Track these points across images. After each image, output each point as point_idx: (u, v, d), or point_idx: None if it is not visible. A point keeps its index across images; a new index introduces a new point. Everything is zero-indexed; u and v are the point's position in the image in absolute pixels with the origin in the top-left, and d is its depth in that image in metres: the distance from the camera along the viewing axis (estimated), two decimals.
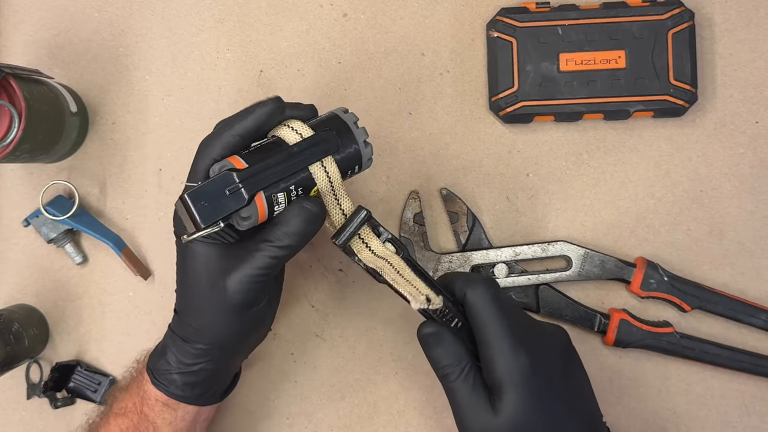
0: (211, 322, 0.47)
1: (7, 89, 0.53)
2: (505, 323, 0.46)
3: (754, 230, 0.59)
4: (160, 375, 0.49)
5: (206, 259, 0.46)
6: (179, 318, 0.49)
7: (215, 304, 0.46)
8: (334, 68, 0.61)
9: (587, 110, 0.58)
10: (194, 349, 0.48)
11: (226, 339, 0.48)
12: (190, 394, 0.49)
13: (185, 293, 0.48)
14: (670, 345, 0.57)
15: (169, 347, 0.49)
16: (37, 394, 0.60)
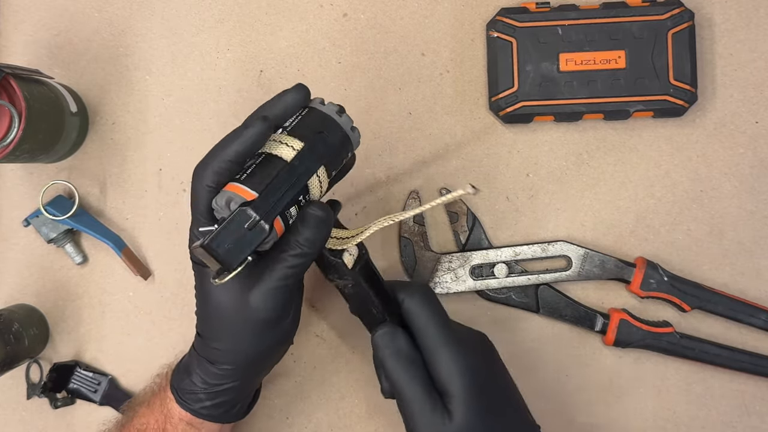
0: (237, 342, 0.47)
1: (7, 89, 0.53)
2: (443, 327, 0.47)
3: (754, 230, 0.59)
4: (185, 394, 0.49)
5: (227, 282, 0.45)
6: (203, 340, 0.48)
7: (240, 324, 0.46)
8: (334, 68, 0.61)
9: (587, 110, 0.58)
10: (220, 370, 0.47)
11: (252, 358, 0.48)
12: (215, 413, 0.49)
13: (208, 317, 0.47)
14: (670, 345, 0.57)
15: (194, 368, 0.48)
16: (37, 394, 0.60)
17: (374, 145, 0.60)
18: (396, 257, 0.60)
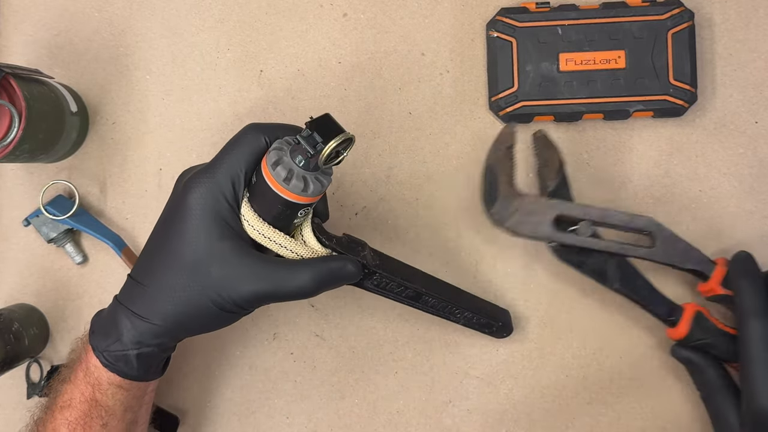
0: (185, 306, 0.45)
1: (7, 89, 0.53)
2: None
3: (754, 230, 0.59)
4: (112, 357, 0.46)
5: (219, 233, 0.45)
6: (140, 287, 0.46)
7: (197, 291, 0.45)
8: (334, 68, 0.61)
9: (587, 110, 0.58)
10: (154, 326, 0.46)
11: (192, 325, 0.47)
12: (144, 372, 0.48)
13: (167, 258, 0.45)
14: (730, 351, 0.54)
15: (122, 324, 0.46)
16: (37, 393, 0.60)
17: (374, 145, 0.60)
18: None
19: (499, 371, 0.60)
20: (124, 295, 0.48)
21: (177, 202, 0.46)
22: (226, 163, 0.46)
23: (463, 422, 0.60)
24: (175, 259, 0.45)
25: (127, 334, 0.46)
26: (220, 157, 0.46)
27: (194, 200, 0.45)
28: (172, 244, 0.46)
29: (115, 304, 0.48)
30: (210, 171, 0.46)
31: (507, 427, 0.60)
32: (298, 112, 0.61)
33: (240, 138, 0.47)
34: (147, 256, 0.48)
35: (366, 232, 0.61)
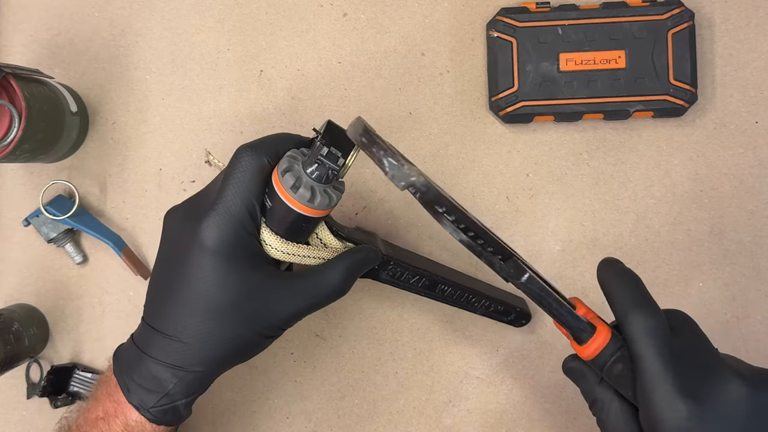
0: (231, 347, 0.45)
1: (7, 89, 0.53)
2: (667, 365, 0.38)
3: (755, 230, 0.59)
4: (159, 412, 0.45)
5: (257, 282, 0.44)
6: (178, 343, 0.44)
7: (242, 329, 0.45)
8: (334, 68, 0.61)
9: (587, 110, 0.58)
10: (201, 372, 0.45)
11: (237, 360, 0.47)
12: (189, 413, 0.47)
13: (200, 306, 0.44)
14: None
15: (166, 380, 0.45)
16: (37, 393, 0.60)
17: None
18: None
19: (499, 371, 0.60)
20: (158, 350, 0.45)
21: (190, 245, 0.44)
22: (235, 194, 0.44)
23: (463, 422, 0.60)
24: (211, 306, 0.44)
25: (174, 388, 0.45)
26: (226, 189, 0.44)
27: (214, 241, 0.43)
28: (199, 290, 0.44)
29: (151, 361, 0.45)
30: (221, 206, 0.43)
31: (507, 427, 0.60)
32: (298, 113, 0.61)
33: (240, 164, 0.44)
34: (170, 306, 0.44)
35: None
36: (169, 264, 0.45)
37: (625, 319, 0.40)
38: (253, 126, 0.61)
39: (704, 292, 0.59)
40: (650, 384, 0.38)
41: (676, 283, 0.59)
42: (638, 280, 0.42)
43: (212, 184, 0.47)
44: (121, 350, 0.47)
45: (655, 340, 0.39)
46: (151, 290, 0.47)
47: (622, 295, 0.41)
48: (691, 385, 0.38)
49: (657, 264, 0.59)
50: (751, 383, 0.38)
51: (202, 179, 0.61)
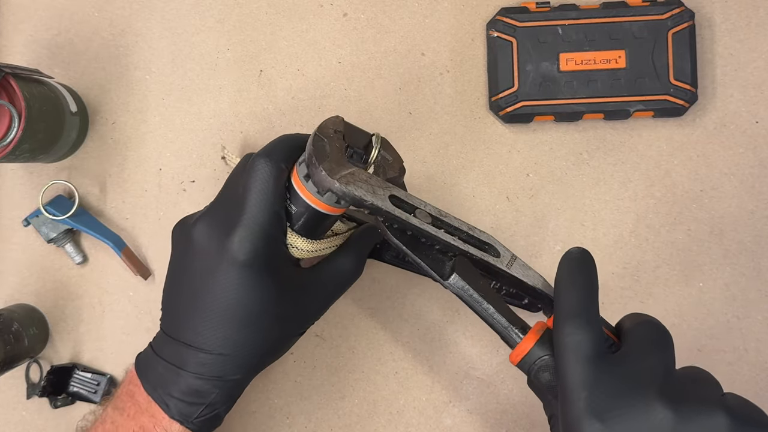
0: (270, 352, 0.47)
1: (7, 89, 0.53)
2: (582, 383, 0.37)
3: (755, 230, 0.59)
4: (201, 421, 0.46)
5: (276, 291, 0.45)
6: (220, 357, 0.45)
7: (279, 334, 0.47)
8: (334, 68, 0.61)
9: (587, 110, 0.58)
10: (242, 378, 0.46)
11: (272, 360, 0.49)
12: (223, 418, 0.48)
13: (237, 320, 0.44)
14: None
15: (209, 392, 0.45)
16: (36, 393, 0.60)
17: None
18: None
19: (499, 371, 0.60)
20: (196, 365, 0.45)
21: (220, 259, 0.44)
22: (261, 205, 0.44)
23: (463, 422, 0.60)
24: (247, 316, 0.45)
25: (215, 398, 0.46)
26: (250, 200, 0.44)
27: (246, 255, 0.44)
28: (234, 302, 0.44)
29: (190, 376, 0.45)
30: (249, 218, 0.44)
31: (507, 427, 0.60)
32: (298, 113, 0.61)
33: (259, 174, 0.44)
34: (204, 321, 0.45)
35: None
36: (193, 278, 0.45)
37: (556, 329, 0.39)
38: (253, 126, 0.61)
39: (704, 293, 0.59)
40: (565, 400, 0.37)
41: (676, 283, 0.59)
42: (589, 287, 0.40)
43: (227, 194, 0.47)
44: (147, 365, 0.47)
45: (577, 356, 0.37)
46: (172, 305, 0.47)
47: (562, 302, 0.39)
48: (605, 406, 0.36)
49: (657, 264, 0.59)
50: (680, 413, 0.35)
51: (202, 179, 0.61)
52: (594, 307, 0.39)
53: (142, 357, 0.48)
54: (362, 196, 0.42)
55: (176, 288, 0.47)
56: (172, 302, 0.47)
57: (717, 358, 0.59)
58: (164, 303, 0.48)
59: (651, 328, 0.39)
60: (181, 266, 0.47)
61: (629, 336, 0.39)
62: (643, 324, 0.39)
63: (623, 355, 0.38)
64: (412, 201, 0.45)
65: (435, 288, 0.60)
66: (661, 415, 0.34)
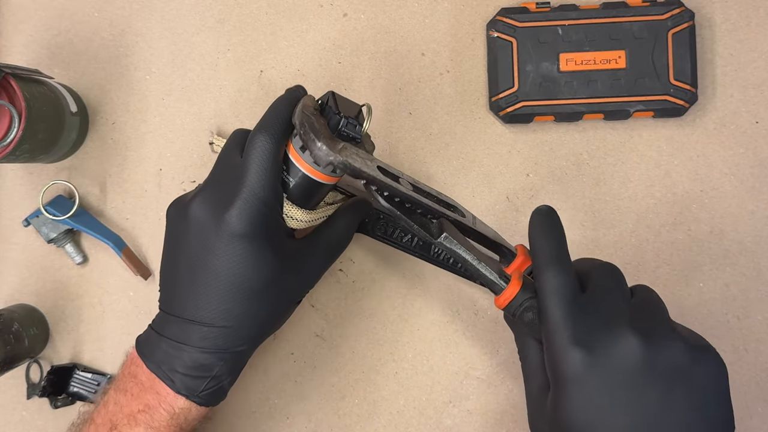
0: (271, 322, 0.49)
1: (7, 89, 0.53)
2: (566, 318, 0.42)
3: (755, 230, 0.59)
4: (207, 394, 0.47)
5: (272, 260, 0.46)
6: (223, 329, 0.46)
7: (280, 304, 0.49)
8: (334, 68, 0.61)
9: (587, 110, 0.58)
10: (245, 349, 0.48)
11: (274, 329, 0.50)
12: (228, 391, 0.50)
13: (240, 292, 0.46)
14: None
15: (214, 364, 0.46)
16: (37, 393, 0.60)
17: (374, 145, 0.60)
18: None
19: (499, 371, 0.60)
20: (198, 339, 0.46)
21: (219, 233, 0.45)
22: (259, 178, 0.45)
23: (463, 422, 0.60)
24: (249, 288, 0.46)
25: (220, 370, 0.47)
26: (249, 174, 0.45)
27: (245, 227, 0.45)
28: (235, 275, 0.45)
29: (194, 350, 0.46)
30: (248, 192, 0.45)
31: (507, 427, 0.60)
32: None
33: (256, 148, 0.45)
34: (205, 295, 0.46)
35: None
36: (192, 254, 0.46)
37: (538, 275, 0.44)
38: (253, 126, 0.61)
39: (705, 293, 0.59)
40: (550, 334, 0.42)
41: (676, 283, 0.59)
42: (560, 238, 0.45)
43: (222, 170, 0.48)
44: (149, 345, 0.48)
45: (559, 296, 0.42)
46: (171, 283, 0.48)
47: (540, 253, 0.44)
48: (587, 337, 0.41)
49: (657, 264, 0.59)
50: (646, 341, 0.40)
51: (202, 179, 0.61)
52: (567, 255, 0.44)
53: (143, 338, 0.49)
54: (360, 166, 0.45)
55: (174, 266, 0.48)
56: (171, 280, 0.48)
57: None
58: (162, 283, 0.49)
59: (607, 270, 0.45)
60: (178, 244, 0.47)
61: (593, 279, 0.44)
62: (601, 267, 0.45)
63: (593, 295, 0.43)
64: (394, 171, 0.49)
65: (435, 288, 0.60)
66: (632, 342, 0.40)
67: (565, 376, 0.41)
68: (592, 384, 0.40)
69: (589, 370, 0.40)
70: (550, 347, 0.42)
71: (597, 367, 0.40)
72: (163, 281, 0.49)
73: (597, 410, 0.40)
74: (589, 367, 0.40)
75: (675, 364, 0.40)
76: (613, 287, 0.44)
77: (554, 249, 0.44)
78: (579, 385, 0.40)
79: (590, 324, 0.41)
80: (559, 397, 0.41)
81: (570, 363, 0.40)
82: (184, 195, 0.50)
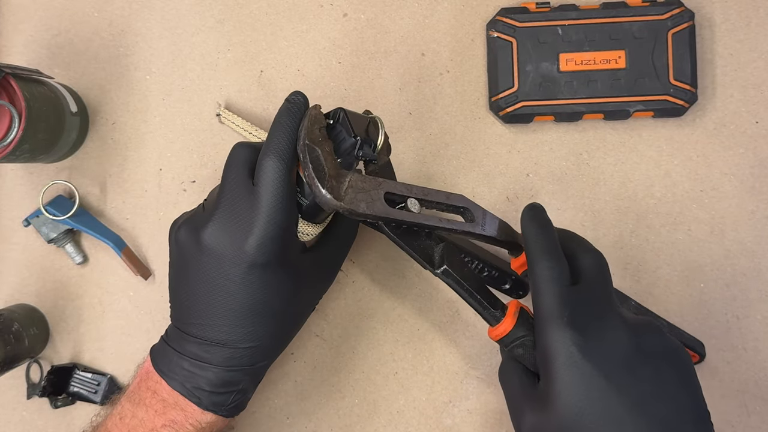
0: (291, 336, 0.51)
1: (7, 89, 0.53)
2: (562, 304, 0.43)
3: (755, 230, 0.59)
4: (233, 407, 0.48)
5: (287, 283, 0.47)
6: (248, 350, 0.47)
7: (298, 318, 0.51)
8: (334, 68, 0.61)
9: (587, 110, 0.58)
10: (267, 363, 0.49)
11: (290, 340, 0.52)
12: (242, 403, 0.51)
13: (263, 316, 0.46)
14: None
15: (240, 380, 0.47)
16: (37, 393, 0.60)
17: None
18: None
19: None
20: (224, 359, 0.46)
21: (238, 262, 0.45)
22: (275, 205, 0.44)
23: (463, 422, 0.60)
24: (271, 311, 0.47)
25: (245, 384, 0.48)
26: (264, 201, 0.44)
27: (266, 257, 0.45)
28: (257, 301, 0.46)
29: (220, 370, 0.47)
30: (265, 220, 0.44)
31: (507, 427, 0.60)
32: None
33: (268, 173, 0.45)
34: (227, 319, 0.46)
35: (366, 233, 0.61)
36: (209, 281, 0.46)
37: (533, 266, 0.45)
38: None
39: (705, 293, 0.59)
40: (546, 321, 0.43)
41: (677, 283, 0.59)
42: (552, 233, 0.47)
43: (234, 193, 0.46)
44: (167, 362, 0.48)
45: (553, 285, 0.44)
46: (186, 305, 0.47)
47: (534, 245, 0.46)
48: (581, 322, 0.43)
49: (658, 264, 0.59)
50: (633, 328, 0.43)
51: (202, 179, 0.61)
52: (559, 247, 0.46)
53: (159, 353, 0.49)
54: (364, 211, 0.45)
55: (189, 289, 0.47)
56: (186, 302, 0.47)
57: (717, 358, 0.59)
58: (175, 302, 0.49)
59: (594, 258, 0.47)
60: (192, 269, 0.46)
61: (583, 267, 0.46)
62: (588, 254, 0.47)
63: (585, 284, 0.45)
64: (401, 191, 0.48)
65: (435, 288, 0.60)
66: (621, 327, 0.43)
67: (560, 360, 0.42)
68: (588, 367, 0.41)
69: (584, 353, 0.41)
70: (544, 334, 0.43)
71: (592, 351, 0.42)
72: (177, 300, 0.48)
73: (592, 392, 0.41)
74: (585, 351, 0.42)
75: (659, 346, 0.43)
76: (604, 278, 0.46)
77: (547, 240, 0.46)
78: (575, 368, 0.41)
79: (583, 311, 0.43)
80: (552, 383, 0.42)
81: (566, 347, 0.42)
82: (194, 215, 0.48)
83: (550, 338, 0.42)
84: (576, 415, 0.41)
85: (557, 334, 0.42)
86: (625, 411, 0.41)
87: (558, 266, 0.44)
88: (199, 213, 0.48)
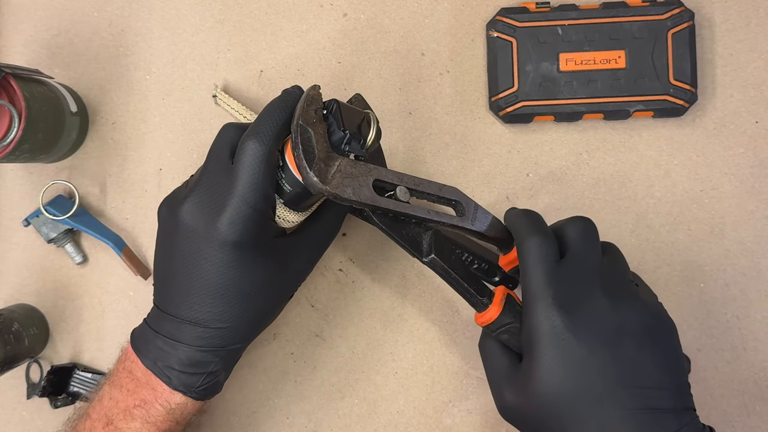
0: (266, 319, 0.50)
1: (7, 89, 0.53)
2: (548, 282, 0.44)
3: (755, 230, 0.59)
4: (204, 389, 0.48)
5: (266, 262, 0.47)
6: (219, 330, 0.46)
7: (275, 301, 0.50)
8: (334, 68, 0.61)
9: (587, 110, 0.58)
10: (240, 346, 0.49)
11: (268, 324, 0.51)
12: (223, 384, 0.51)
13: (235, 296, 0.46)
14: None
15: (210, 361, 0.47)
16: (37, 393, 0.60)
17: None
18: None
19: None
20: (195, 338, 0.46)
21: (211, 240, 0.45)
22: (251, 186, 0.44)
23: (463, 422, 0.60)
24: (244, 292, 0.46)
25: (216, 366, 0.48)
26: (241, 182, 0.44)
27: (238, 236, 0.45)
28: (229, 280, 0.45)
29: (191, 349, 0.46)
30: (239, 200, 0.44)
31: (507, 427, 0.59)
32: None
33: (248, 155, 0.45)
34: (199, 297, 0.46)
35: (366, 232, 0.61)
36: (185, 257, 0.46)
37: (520, 245, 0.46)
38: None
39: (705, 293, 0.59)
40: (533, 299, 0.44)
41: (677, 283, 0.59)
42: (537, 215, 0.48)
43: (214, 171, 0.47)
44: (144, 340, 0.48)
45: (540, 262, 0.44)
46: (165, 282, 0.48)
47: (521, 227, 0.47)
48: (567, 300, 0.43)
49: (658, 264, 0.59)
50: (617, 305, 0.44)
51: None
52: (545, 225, 0.47)
53: (138, 333, 0.49)
54: (350, 197, 0.45)
55: (168, 265, 0.47)
56: (165, 279, 0.48)
57: (716, 358, 0.59)
58: (156, 279, 0.49)
59: (582, 228, 0.47)
60: (171, 244, 0.47)
61: (569, 241, 0.47)
62: (574, 223, 0.48)
63: (572, 256, 0.45)
64: (392, 179, 0.48)
65: (435, 288, 0.60)
66: (605, 305, 0.43)
67: (544, 339, 0.43)
68: (570, 346, 0.42)
69: (569, 331, 0.42)
70: (531, 312, 0.44)
71: (577, 328, 0.43)
72: (157, 278, 0.49)
73: (573, 370, 0.42)
74: (570, 328, 0.42)
75: (641, 324, 0.44)
76: (589, 249, 0.46)
77: (538, 223, 0.47)
78: (560, 345, 0.42)
79: (569, 289, 0.44)
80: (534, 360, 0.43)
81: (552, 325, 0.43)
82: (177, 191, 0.49)
83: (536, 318, 0.43)
84: (556, 393, 0.42)
85: (543, 314, 0.43)
86: (605, 389, 0.42)
87: (545, 242, 0.45)
88: (180, 190, 0.49)
